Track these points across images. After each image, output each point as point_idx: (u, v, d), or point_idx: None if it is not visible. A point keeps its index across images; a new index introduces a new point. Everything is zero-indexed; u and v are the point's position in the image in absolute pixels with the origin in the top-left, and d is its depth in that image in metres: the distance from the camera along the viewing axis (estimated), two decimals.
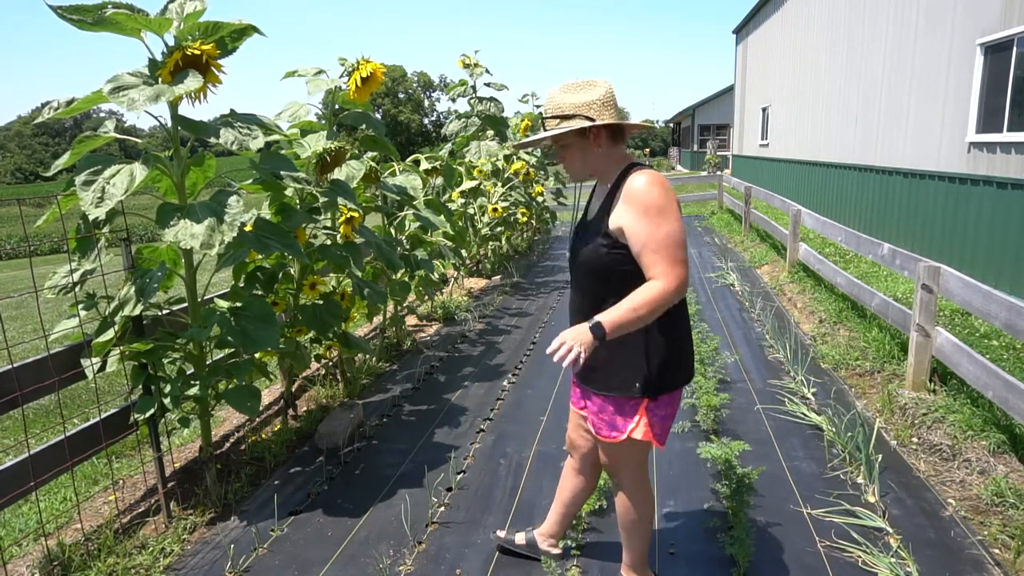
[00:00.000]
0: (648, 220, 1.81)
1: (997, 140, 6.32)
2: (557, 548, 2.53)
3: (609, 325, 1.79)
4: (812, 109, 12.94)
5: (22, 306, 10.26)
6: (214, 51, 2.53)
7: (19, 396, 2.50)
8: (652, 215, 1.81)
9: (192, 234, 2.44)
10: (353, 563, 2.60)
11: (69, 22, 2.33)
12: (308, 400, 4.33)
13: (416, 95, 69.99)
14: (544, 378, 4.60)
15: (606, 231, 1.90)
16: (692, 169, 33.49)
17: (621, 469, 2.11)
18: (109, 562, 2.57)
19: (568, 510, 2.45)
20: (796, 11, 14.32)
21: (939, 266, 3.80)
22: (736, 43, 21.57)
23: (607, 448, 2.09)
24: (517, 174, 8.32)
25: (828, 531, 2.67)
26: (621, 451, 2.06)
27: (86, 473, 3.58)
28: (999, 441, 3.21)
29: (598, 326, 1.79)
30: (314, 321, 3.53)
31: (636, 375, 1.94)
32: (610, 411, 2.01)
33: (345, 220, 3.63)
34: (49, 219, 2.80)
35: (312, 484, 3.24)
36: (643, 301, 1.80)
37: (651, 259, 1.81)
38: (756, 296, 6.68)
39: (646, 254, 1.82)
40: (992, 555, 2.49)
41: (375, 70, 3.37)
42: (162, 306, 3.02)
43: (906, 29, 8.43)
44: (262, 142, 2.72)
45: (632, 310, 1.80)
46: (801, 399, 4.01)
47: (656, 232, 1.80)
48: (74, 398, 5.06)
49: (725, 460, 2.85)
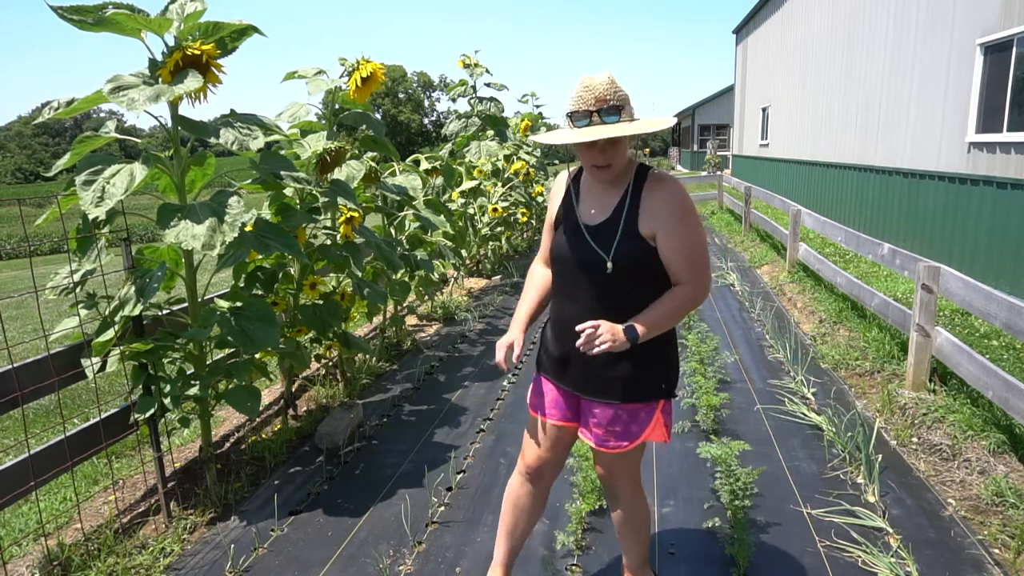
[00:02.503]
0: (685, 226, 1.80)
1: (997, 140, 6.32)
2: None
3: (643, 330, 1.76)
4: (812, 109, 12.95)
5: (22, 306, 10.27)
6: (214, 51, 2.53)
7: (19, 396, 2.50)
8: (688, 221, 1.81)
9: (193, 235, 2.44)
10: (353, 563, 2.60)
11: (70, 22, 2.33)
12: (308, 400, 4.33)
13: (416, 95, 70.00)
14: None
15: (638, 233, 1.81)
16: (692, 169, 33.50)
17: (622, 476, 2.04)
18: (109, 562, 2.57)
19: (520, 544, 2.24)
20: (796, 11, 14.32)
21: (939, 266, 3.80)
22: (736, 43, 21.57)
23: (610, 459, 1.99)
24: (517, 174, 8.32)
25: (828, 531, 2.67)
26: (624, 459, 2.00)
27: (86, 473, 3.58)
28: (999, 441, 3.21)
29: (632, 329, 1.75)
30: (314, 321, 3.53)
31: (661, 378, 1.93)
32: (624, 420, 1.92)
33: (345, 220, 3.63)
34: (49, 218, 2.80)
35: (312, 484, 3.24)
36: (679, 306, 1.81)
37: (685, 264, 1.81)
38: (756, 296, 6.68)
39: (680, 259, 1.80)
40: (992, 555, 2.49)
41: (375, 70, 3.37)
42: (162, 306, 3.02)
43: (906, 28, 8.43)
44: (262, 142, 2.72)
45: (668, 315, 1.81)
46: (801, 399, 4.01)
47: (692, 238, 1.81)
48: (74, 398, 5.06)
49: (725, 460, 2.85)
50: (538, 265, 2.14)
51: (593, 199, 1.91)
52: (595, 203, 1.91)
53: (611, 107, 1.71)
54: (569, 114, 1.77)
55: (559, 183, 2.04)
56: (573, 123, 1.76)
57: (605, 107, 1.70)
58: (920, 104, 8.02)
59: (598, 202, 1.90)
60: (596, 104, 1.71)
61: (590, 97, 1.71)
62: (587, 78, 1.74)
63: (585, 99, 1.72)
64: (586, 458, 2.98)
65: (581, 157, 1.84)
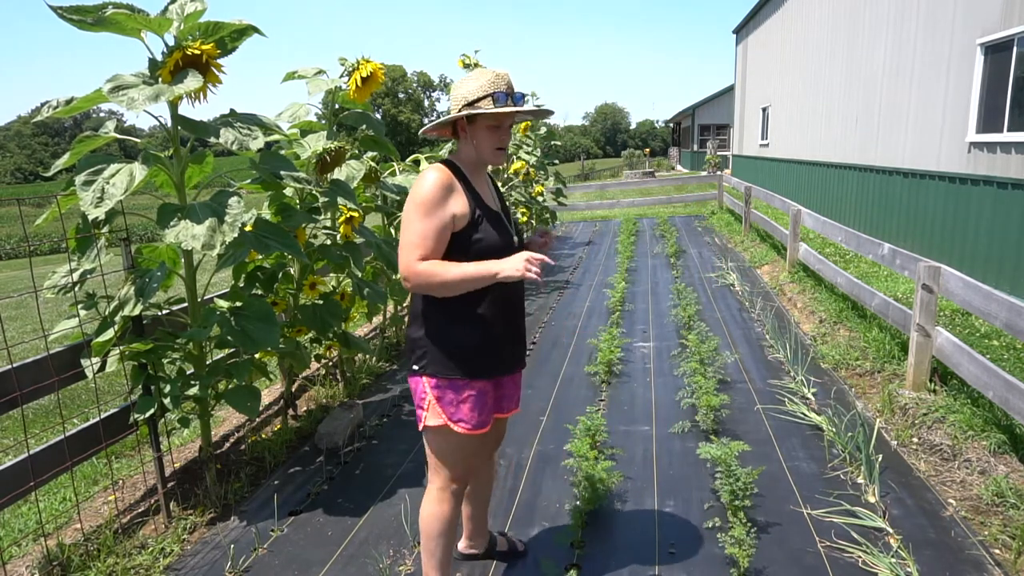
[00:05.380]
0: None
1: (997, 140, 6.31)
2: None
3: None
4: (812, 109, 12.94)
5: (22, 306, 10.26)
6: (214, 51, 2.53)
7: (19, 396, 2.50)
8: None
9: (193, 235, 2.44)
10: (353, 563, 2.60)
11: (69, 22, 2.33)
12: (308, 400, 4.33)
13: (416, 95, 70.04)
14: (544, 378, 4.60)
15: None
16: (692, 169, 33.51)
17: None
18: (109, 562, 2.57)
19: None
20: (796, 11, 14.32)
21: (939, 266, 3.80)
22: (736, 43, 21.57)
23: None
24: (517, 174, 8.32)
25: (828, 531, 2.66)
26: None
27: (86, 473, 3.58)
28: (999, 441, 3.21)
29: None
30: (314, 321, 3.53)
31: None
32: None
33: (345, 220, 3.63)
34: (48, 218, 2.80)
35: (312, 484, 3.24)
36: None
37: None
38: (756, 296, 6.68)
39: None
40: (992, 555, 2.49)
41: (375, 70, 3.36)
42: (162, 306, 3.02)
43: (906, 28, 8.43)
44: (262, 142, 2.72)
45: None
46: (801, 399, 4.01)
47: None
48: (74, 398, 5.06)
49: (725, 460, 2.85)
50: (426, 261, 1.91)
51: (483, 189, 2.07)
52: (485, 192, 2.07)
53: (519, 93, 1.97)
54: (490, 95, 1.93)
55: (442, 182, 1.91)
56: (495, 103, 1.93)
57: (515, 93, 1.97)
58: (920, 104, 8.02)
59: (486, 191, 2.08)
60: (508, 89, 1.96)
61: (503, 83, 1.95)
62: (489, 69, 1.97)
63: (498, 84, 1.94)
64: (586, 458, 2.98)
65: (487, 143, 1.98)
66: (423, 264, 1.88)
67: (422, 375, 2.03)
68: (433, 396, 2.02)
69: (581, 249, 10.38)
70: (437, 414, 2.02)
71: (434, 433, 2.06)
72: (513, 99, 1.93)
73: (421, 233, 1.89)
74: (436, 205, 1.90)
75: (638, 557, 2.54)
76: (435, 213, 1.89)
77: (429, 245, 1.89)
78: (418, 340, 2.03)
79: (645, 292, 7.12)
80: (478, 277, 1.86)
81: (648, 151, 55.54)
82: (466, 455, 2.10)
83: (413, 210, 1.91)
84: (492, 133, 1.97)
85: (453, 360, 1.99)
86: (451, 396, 2.01)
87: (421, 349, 2.02)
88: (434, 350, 2.00)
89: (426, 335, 2.01)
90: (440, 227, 1.90)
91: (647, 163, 43.62)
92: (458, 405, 2.01)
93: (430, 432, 2.07)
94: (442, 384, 2.01)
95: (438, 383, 2.01)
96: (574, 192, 15.59)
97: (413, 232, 1.90)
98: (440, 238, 1.91)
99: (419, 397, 2.06)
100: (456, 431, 2.03)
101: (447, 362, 1.99)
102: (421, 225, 1.89)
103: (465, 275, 1.86)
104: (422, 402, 2.05)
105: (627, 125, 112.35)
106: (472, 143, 1.99)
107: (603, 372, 4.51)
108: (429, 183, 1.90)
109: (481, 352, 2.01)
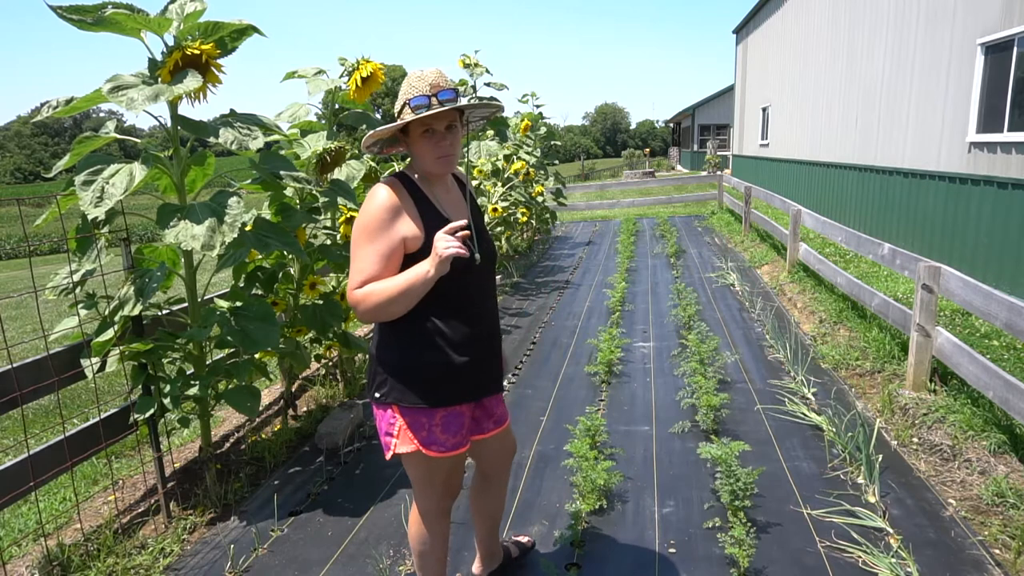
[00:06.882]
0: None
1: (997, 140, 6.31)
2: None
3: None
4: (812, 109, 12.94)
5: (22, 306, 10.27)
6: (214, 51, 2.53)
7: (19, 396, 2.50)
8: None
9: (193, 235, 2.44)
10: (353, 563, 2.60)
11: (69, 22, 2.33)
12: (308, 400, 4.33)
13: None
14: (544, 378, 4.60)
15: (484, 226, 2.02)
16: (692, 169, 33.51)
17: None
18: (109, 562, 2.57)
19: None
20: (796, 11, 14.32)
21: (939, 266, 3.80)
22: (736, 43, 21.57)
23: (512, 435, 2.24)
24: (517, 174, 8.32)
25: (828, 531, 2.66)
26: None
27: (86, 473, 3.58)
28: (1000, 441, 3.21)
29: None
30: (314, 321, 3.53)
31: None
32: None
33: (345, 220, 3.63)
34: (48, 218, 2.80)
35: (312, 484, 3.24)
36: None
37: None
38: (756, 296, 6.68)
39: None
40: (992, 555, 2.49)
41: (375, 70, 3.36)
42: (162, 306, 3.02)
43: (906, 28, 8.43)
44: (262, 142, 2.72)
45: None
46: (801, 399, 4.01)
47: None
48: (74, 398, 5.06)
49: (725, 460, 2.85)
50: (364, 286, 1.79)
51: (446, 202, 1.91)
52: (449, 205, 1.92)
53: (446, 90, 1.76)
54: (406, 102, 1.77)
55: (388, 204, 1.78)
56: (413, 111, 1.75)
57: (440, 91, 1.75)
58: (920, 104, 8.02)
59: (450, 203, 1.92)
60: (431, 90, 1.75)
61: (424, 85, 1.75)
62: (415, 72, 1.79)
63: (419, 87, 1.75)
64: (586, 458, 2.98)
65: (426, 152, 1.80)
66: (361, 290, 1.76)
67: (386, 404, 1.89)
68: (404, 422, 1.87)
69: (581, 249, 10.38)
70: (408, 440, 1.87)
71: (407, 459, 1.92)
72: (438, 98, 1.73)
73: (364, 258, 1.77)
74: (380, 229, 1.77)
75: (638, 557, 2.54)
76: (379, 238, 1.76)
77: (372, 271, 1.76)
78: (381, 362, 1.88)
79: (645, 292, 7.12)
80: (415, 282, 1.71)
81: (648, 151, 55.57)
82: (448, 475, 1.98)
83: (357, 234, 1.79)
84: (427, 141, 1.79)
85: (415, 389, 1.84)
86: (423, 420, 1.87)
87: (382, 376, 1.87)
88: (396, 377, 1.85)
89: (387, 359, 1.87)
90: (386, 252, 1.76)
91: (647, 163, 43.65)
92: (430, 429, 1.87)
93: (403, 459, 1.92)
94: (410, 410, 1.87)
95: (403, 410, 1.87)
96: (574, 192, 15.60)
97: (356, 258, 1.78)
98: (387, 264, 1.77)
99: (386, 423, 1.90)
100: (430, 455, 1.89)
101: (409, 391, 1.84)
102: (363, 251, 1.77)
103: (399, 287, 1.72)
104: (391, 428, 1.89)
105: (627, 125, 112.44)
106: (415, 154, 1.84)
107: (603, 372, 4.51)
108: (374, 206, 1.77)
109: (448, 378, 1.86)
